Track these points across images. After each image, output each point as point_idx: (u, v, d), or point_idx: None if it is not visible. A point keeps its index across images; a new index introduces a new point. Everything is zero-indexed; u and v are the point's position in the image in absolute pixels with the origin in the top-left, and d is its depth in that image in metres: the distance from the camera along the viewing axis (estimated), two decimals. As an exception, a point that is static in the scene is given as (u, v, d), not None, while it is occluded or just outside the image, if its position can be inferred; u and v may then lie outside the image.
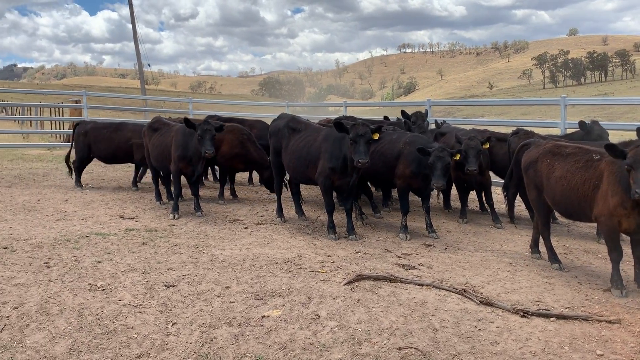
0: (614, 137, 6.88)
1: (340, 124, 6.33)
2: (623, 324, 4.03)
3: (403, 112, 9.00)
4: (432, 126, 10.10)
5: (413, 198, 8.14)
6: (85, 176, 11.26)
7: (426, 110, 9.80)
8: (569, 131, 8.55)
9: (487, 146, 7.26)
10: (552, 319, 4.11)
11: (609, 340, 3.75)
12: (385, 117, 10.51)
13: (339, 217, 7.45)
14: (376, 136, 6.30)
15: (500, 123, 11.16)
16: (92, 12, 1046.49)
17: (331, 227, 6.71)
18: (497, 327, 3.93)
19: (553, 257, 5.59)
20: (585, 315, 4.17)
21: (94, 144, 9.84)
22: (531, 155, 5.72)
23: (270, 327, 3.84)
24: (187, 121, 7.48)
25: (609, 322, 4.06)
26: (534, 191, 5.69)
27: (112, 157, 10.03)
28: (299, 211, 7.82)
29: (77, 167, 9.99)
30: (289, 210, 7.94)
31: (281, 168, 7.59)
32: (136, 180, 10.18)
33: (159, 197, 8.68)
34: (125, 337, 3.65)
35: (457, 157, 6.67)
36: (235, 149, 9.08)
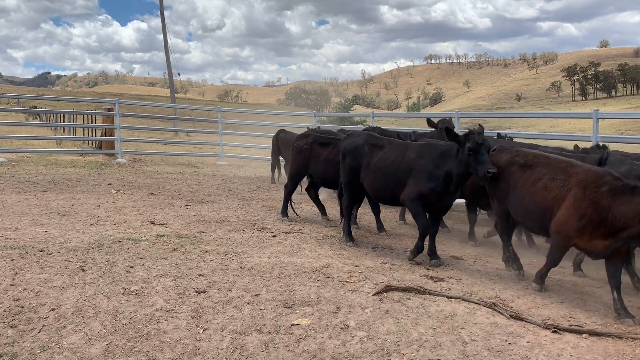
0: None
1: (450, 131, 5.79)
2: (658, 343, 3.95)
3: (429, 121, 8.80)
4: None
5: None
6: (116, 182, 11.52)
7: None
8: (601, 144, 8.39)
9: None
10: (584, 335, 4.05)
11: (643, 358, 3.69)
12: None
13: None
14: None
15: (528, 136, 11.01)
16: (123, 23, 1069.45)
17: (433, 251, 6.17)
18: (528, 342, 3.89)
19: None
20: (619, 332, 4.10)
21: None
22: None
23: (300, 335, 3.87)
24: None
25: (644, 340, 3.98)
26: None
27: None
28: (380, 226, 7.69)
29: None
30: (313, 223, 7.94)
31: (355, 189, 7.02)
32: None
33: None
34: (158, 341, 3.73)
35: None
36: None
